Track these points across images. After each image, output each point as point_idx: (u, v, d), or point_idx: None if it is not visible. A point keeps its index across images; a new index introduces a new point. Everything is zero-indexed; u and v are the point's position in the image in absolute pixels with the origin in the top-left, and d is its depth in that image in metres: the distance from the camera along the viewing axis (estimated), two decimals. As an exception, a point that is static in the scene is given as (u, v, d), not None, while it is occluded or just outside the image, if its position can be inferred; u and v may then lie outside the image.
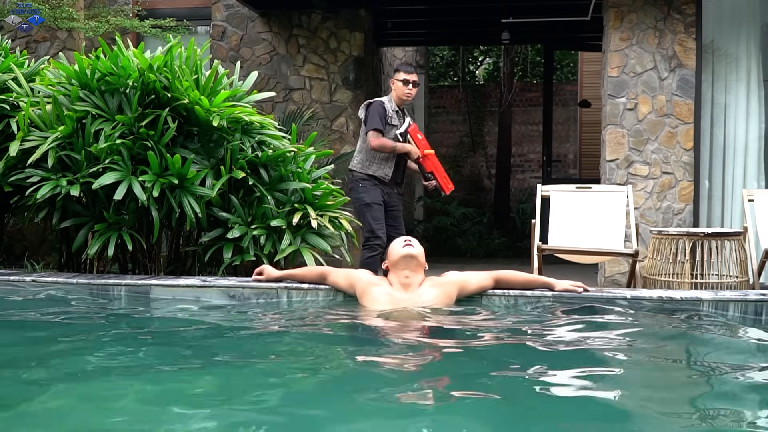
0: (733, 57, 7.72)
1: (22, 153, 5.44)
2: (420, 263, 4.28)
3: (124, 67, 5.51)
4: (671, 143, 7.50)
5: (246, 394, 2.90)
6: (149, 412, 2.68)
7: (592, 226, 6.22)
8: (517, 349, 3.65)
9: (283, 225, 5.54)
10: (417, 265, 4.26)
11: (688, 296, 4.36)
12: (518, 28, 10.12)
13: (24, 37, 9.27)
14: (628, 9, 7.60)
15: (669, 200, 7.47)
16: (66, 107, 5.58)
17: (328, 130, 8.83)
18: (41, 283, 4.88)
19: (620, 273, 7.48)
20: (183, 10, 9.19)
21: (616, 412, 2.78)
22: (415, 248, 4.29)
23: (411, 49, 13.15)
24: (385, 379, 3.13)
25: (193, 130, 5.68)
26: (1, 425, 2.50)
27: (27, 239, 7.37)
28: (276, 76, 8.96)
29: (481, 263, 10.13)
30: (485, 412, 2.68)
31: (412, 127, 6.43)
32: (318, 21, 8.89)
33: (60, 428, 2.52)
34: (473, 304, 4.37)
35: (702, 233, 5.91)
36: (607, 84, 7.64)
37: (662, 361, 3.58)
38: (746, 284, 5.89)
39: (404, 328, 3.93)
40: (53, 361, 3.43)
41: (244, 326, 4.25)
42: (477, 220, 13.26)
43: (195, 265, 5.86)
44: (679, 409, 2.82)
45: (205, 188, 5.44)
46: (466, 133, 15.06)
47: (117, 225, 5.46)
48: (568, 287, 4.37)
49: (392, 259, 4.30)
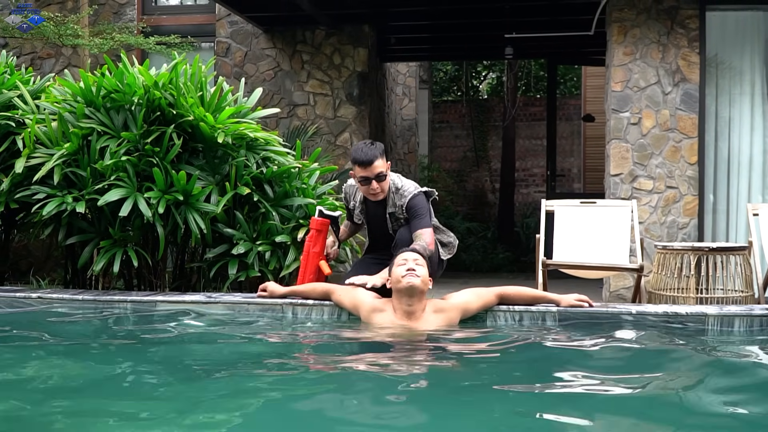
0: (737, 71, 7.72)
1: (27, 170, 5.46)
2: (423, 291, 4.16)
3: (129, 84, 5.54)
4: (675, 157, 7.50)
5: (249, 409, 2.90)
6: (155, 425, 2.68)
7: (596, 240, 6.20)
8: (520, 365, 3.65)
9: (288, 241, 5.54)
10: (420, 293, 4.15)
11: (694, 311, 4.35)
12: (521, 43, 10.14)
13: (29, 54, 9.31)
14: (632, 24, 7.61)
15: (674, 214, 7.47)
16: (71, 124, 5.60)
17: (333, 145, 8.84)
18: (47, 299, 4.90)
19: (625, 288, 7.46)
20: (187, 26, 9.22)
21: (618, 429, 2.77)
22: (418, 278, 4.12)
23: (414, 64, 13.18)
24: (384, 398, 3.13)
25: (198, 146, 5.70)
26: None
27: (33, 255, 7.38)
28: (280, 92, 8.98)
29: (486, 278, 10.12)
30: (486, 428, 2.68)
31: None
32: (322, 37, 8.92)
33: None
34: (477, 322, 4.35)
35: (707, 248, 5.90)
36: (611, 98, 7.65)
37: (667, 376, 3.56)
38: (751, 299, 5.87)
39: (407, 351, 3.92)
40: (58, 377, 3.43)
41: (249, 342, 4.25)
42: (481, 234, 13.25)
43: (200, 281, 5.86)
44: (683, 424, 2.81)
45: (210, 204, 5.45)
46: (470, 147, 15.08)
47: (122, 241, 5.47)
48: (574, 302, 4.36)
49: (395, 284, 4.19)
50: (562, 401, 3.10)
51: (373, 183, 4.72)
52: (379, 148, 4.75)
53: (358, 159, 4.69)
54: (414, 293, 4.13)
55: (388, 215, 4.85)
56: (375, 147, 4.73)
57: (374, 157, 4.67)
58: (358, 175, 4.75)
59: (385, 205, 4.86)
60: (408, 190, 4.81)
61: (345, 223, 5.29)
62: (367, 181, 4.73)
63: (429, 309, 4.18)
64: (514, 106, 13.87)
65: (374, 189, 4.74)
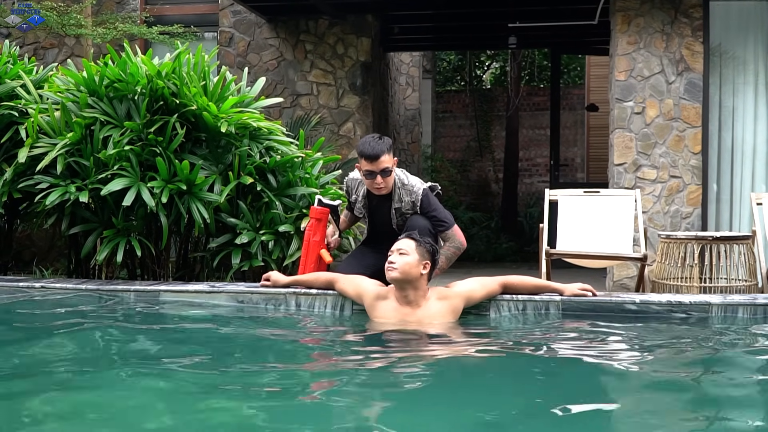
0: (741, 60, 7.70)
1: (31, 160, 5.47)
2: (411, 279, 4.09)
3: (132, 74, 5.53)
4: (679, 147, 7.48)
5: (253, 398, 2.90)
6: (158, 414, 2.69)
7: (600, 230, 6.20)
8: (522, 355, 3.65)
9: (291, 230, 5.54)
10: (406, 282, 4.10)
11: (697, 300, 4.35)
12: (525, 32, 10.11)
13: (32, 44, 9.30)
14: (636, 13, 7.59)
15: (677, 204, 7.46)
16: (75, 114, 5.60)
17: (336, 135, 8.83)
18: (50, 289, 4.90)
19: (629, 277, 7.46)
20: (191, 16, 9.20)
21: (624, 417, 2.77)
22: (396, 270, 4.06)
23: (418, 54, 13.16)
24: (384, 389, 3.13)
25: (201, 136, 5.70)
26: (4, 426, 2.52)
27: (36, 245, 7.39)
28: (283, 82, 8.97)
29: (489, 268, 10.12)
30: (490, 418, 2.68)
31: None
32: (325, 26, 8.90)
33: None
34: (481, 311, 4.36)
35: (710, 237, 5.90)
36: (615, 88, 7.63)
37: (671, 366, 3.57)
38: (755, 288, 5.87)
39: (410, 341, 3.92)
40: (61, 366, 3.44)
41: (252, 332, 4.26)
42: (485, 224, 13.25)
43: (203, 270, 5.87)
44: (688, 414, 2.81)
45: (214, 194, 5.45)
46: (474, 137, 15.06)
47: (126, 231, 5.47)
48: (577, 292, 4.36)
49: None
50: (563, 389, 3.10)
51: (377, 177, 4.71)
52: (387, 143, 4.74)
53: (364, 153, 4.68)
54: (399, 284, 4.12)
55: (393, 210, 4.86)
56: (383, 142, 4.73)
57: (381, 152, 4.66)
58: (363, 168, 4.73)
59: (391, 200, 4.86)
60: (416, 186, 4.83)
61: (345, 213, 5.29)
62: (372, 175, 4.71)
63: (432, 296, 4.18)
64: (518, 96, 13.84)
65: (378, 184, 4.73)
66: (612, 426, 2.69)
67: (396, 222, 4.86)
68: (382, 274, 4.33)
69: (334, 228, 5.16)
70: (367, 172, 4.73)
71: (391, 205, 4.86)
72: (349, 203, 5.19)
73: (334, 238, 5.15)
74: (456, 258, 4.90)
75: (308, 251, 4.99)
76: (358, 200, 5.02)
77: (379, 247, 4.73)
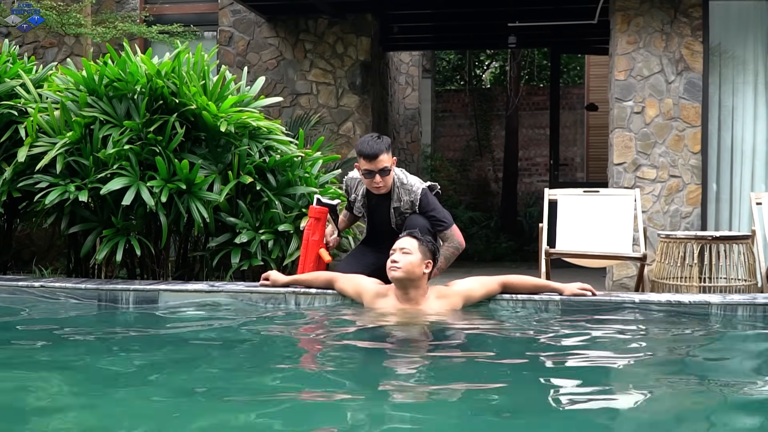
0: (740, 60, 7.70)
1: (30, 159, 5.46)
2: (414, 278, 4.13)
3: (132, 73, 5.53)
4: (679, 146, 7.48)
5: (253, 398, 2.90)
6: (158, 414, 2.69)
7: (599, 229, 6.20)
8: (521, 354, 3.65)
9: (290, 230, 5.54)
10: (409, 281, 4.14)
11: (697, 300, 4.36)
12: (525, 32, 10.11)
13: (32, 43, 9.30)
14: (635, 12, 7.59)
15: (677, 203, 7.46)
16: (74, 113, 5.60)
17: (335, 134, 8.83)
18: (50, 288, 4.90)
19: (628, 277, 7.46)
20: (190, 15, 9.20)
21: (624, 416, 2.78)
22: (400, 270, 4.10)
23: (417, 53, 13.15)
24: (384, 387, 3.13)
25: (200, 135, 5.70)
26: (4, 425, 2.52)
27: (35, 244, 7.39)
28: (283, 81, 8.96)
29: (488, 267, 10.12)
30: (490, 416, 2.68)
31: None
32: (324, 26, 8.90)
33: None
34: (480, 310, 4.36)
35: (710, 237, 5.90)
36: (614, 87, 7.63)
37: (671, 365, 3.57)
38: (755, 288, 5.87)
39: (409, 339, 3.92)
40: (61, 365, 3.44)
41: (251, 331, 4.26)
42: (484, 223, 13.24)
43: (203, 270, 5.87)
44: (687, 413, 2.81)
45: (213, 193, 5.45)
46: (473, 137, 15.06)
47: (125, 230, 5.47)
48: (577, 291, 4.36)
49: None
50: (562, 389, 3.10)
51: (376, 177, 4.74)
52: (386, 142, 4.76)
53: (363, 152, 4.71)
54: (401, 283, 4.14)
55: (392, 209, 4.87)
56: (381, 141, 4.75)
57: (380, 152, 4.69)
58: (362, 167, 4.76)
59: (390, 199, 4.87)
60: (415, 185, 4.85)
61: (344, 212, 5.30)
62: (370, 174, 4.74)
63: (432, 294, 4.19)
64: (517, 96, 13.83)
65: (377, 183, 4.75)
66: (612, 426, 2.69)
67: (395, 221, 4.88)
68: (381, 273, 4.34)
69: (333, 227, 5.17)
70: (366, 171, 4.75)
71: (390, 204, 4.88)
72: (348, 202, 5.20)
73: (333, 238, 5.17)
74: (455, 258, 4.91)
75: (307, 250, 5.00)
76: (358, 199, 5.04)
77: (379, 247, 4.75)
